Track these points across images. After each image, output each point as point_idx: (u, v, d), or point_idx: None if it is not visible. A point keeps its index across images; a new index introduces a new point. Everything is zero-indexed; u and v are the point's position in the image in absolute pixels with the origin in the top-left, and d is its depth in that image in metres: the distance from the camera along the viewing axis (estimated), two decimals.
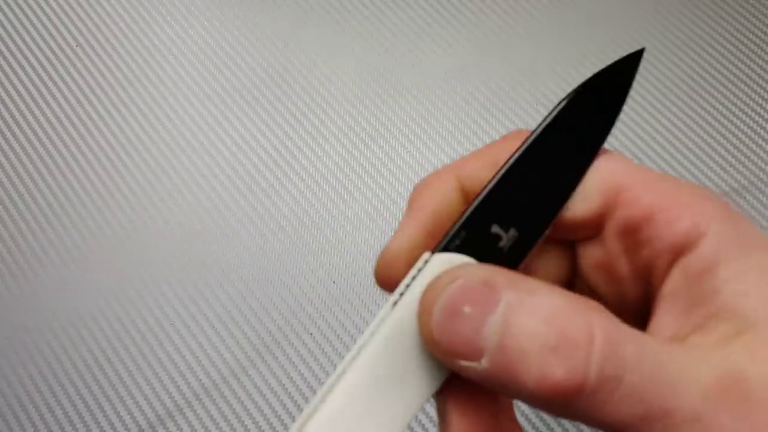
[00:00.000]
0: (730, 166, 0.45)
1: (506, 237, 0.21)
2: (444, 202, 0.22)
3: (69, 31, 0.50)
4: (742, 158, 0.45)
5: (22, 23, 0.51)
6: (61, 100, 0.48)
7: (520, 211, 0.21)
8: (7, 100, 0.48)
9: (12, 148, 0.47)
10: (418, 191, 0.22)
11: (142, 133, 0.47)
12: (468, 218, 0.21)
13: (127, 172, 0.46)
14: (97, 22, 0.51)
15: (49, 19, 0.51)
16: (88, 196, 0.45)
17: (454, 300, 0.18)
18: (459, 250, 0.21)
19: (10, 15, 0.51)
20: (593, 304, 0.18)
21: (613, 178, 0.21)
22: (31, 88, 0.49)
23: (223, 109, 0.48)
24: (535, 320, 0.17)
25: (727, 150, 0.45)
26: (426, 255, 0.21)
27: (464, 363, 0.18)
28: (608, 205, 0.21)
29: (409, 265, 0.21)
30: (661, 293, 0.20)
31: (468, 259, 0.21)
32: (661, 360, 0.18)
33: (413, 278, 0.21)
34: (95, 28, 0.51)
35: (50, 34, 0.50)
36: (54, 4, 0.51)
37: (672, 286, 0.20)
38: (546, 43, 0.49)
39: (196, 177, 0.46)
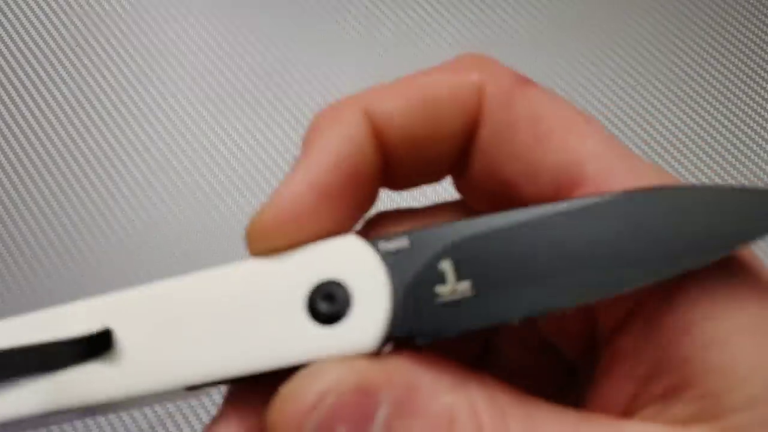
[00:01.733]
0: (730, 165, 0.45)
1: (451, 286, 0.14)
2: (349, 149, 0.16)
3: (69, 31, 0.50)
4: (742, 158, 0.45)
5: (22, 23, 0.51)
6: (61, 100, 0.48)
7: (508, 271, 0.14)
8: (7, 100, 0.48)
9: (12, 148, 0.47)
10: (318, 128, 0.17)
11: (142, 133, 0.47)
12: (427, 232, 0.15)
13: (127, 172, 0.46)
14: (97, 22, 0.51)
15: (49, 19, 0.51)
16: (88, 196, 0.45)
17: (326, 426, 0.14)
18: (385, 256, 0.15)
19: (10, 15, 0.51)
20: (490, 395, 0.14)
21: None
22: (31, 88, 0.49)
23: (223, 110, 0.48)
24: (421, 426, 0.14)
25: (727, 150, 0.45)
26: (352, 238, 0.16)
27: None
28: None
29: (303, 223, 0.16)
30: (613, 349, 0.15)
31: (382, 270, 0.15)
32: None
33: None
34: (95, 28, 0.51)
35: (50, 34, 0.50)
36: (54, 4, 0.51)
37: (630, 341, 0.15)
38: (546, 43, 0.49)
39: (196, 177, 0.46)
